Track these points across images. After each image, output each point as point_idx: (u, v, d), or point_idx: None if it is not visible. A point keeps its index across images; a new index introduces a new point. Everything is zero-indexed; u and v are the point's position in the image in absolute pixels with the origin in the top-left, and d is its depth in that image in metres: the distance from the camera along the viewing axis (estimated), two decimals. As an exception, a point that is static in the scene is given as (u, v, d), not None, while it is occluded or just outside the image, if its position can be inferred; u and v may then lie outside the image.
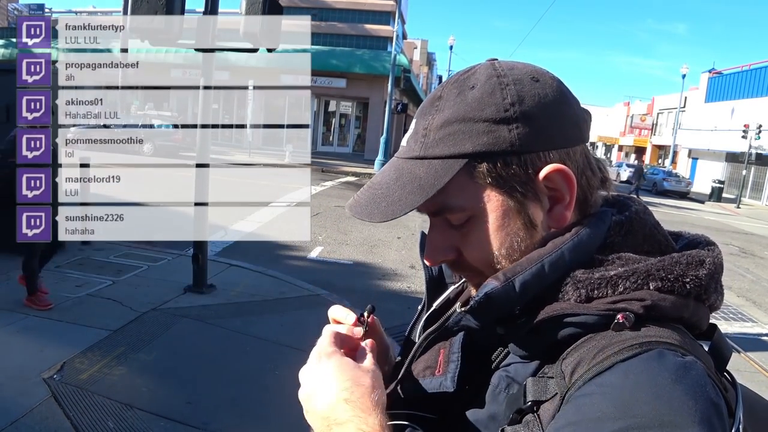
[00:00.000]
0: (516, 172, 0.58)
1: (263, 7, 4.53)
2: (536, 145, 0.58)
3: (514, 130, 0.58)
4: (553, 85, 0.61)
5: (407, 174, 0.61)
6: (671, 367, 0.50)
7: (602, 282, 0.56)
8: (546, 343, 0.58)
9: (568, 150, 0.60)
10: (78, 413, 3.08)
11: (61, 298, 4.75)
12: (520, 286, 0.57)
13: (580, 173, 0.62)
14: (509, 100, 0.58)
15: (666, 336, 0.54)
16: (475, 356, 0.64)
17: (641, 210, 0.65)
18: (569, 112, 0.61)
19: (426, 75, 45.10)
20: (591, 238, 0.60)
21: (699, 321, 0.59)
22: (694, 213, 19.78)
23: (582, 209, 0.64)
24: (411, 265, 7.20)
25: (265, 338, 4.39)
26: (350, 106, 26.76)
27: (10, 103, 5.66)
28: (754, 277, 8.95)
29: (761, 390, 2.95)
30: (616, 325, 0.54)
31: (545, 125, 0.59)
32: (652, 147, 44.42)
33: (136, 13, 4.40)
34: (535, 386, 0.56)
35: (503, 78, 0.60)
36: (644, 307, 0.55)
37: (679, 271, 0.57)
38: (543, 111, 0.59)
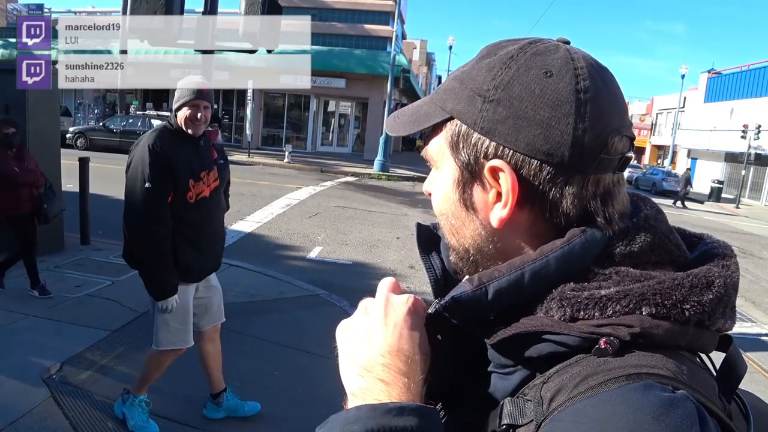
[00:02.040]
0: (470, 148, 0.57)
1: (262, 7, 4.53)
2: (497, 135, 0.55)
3: (484, 110, 0.55)
4: (561, 91, 0.53)
5: (418, 107, 0.64)
6: (655, 403, 0.45)
7: (590, 302, 0.52)
8: (523, 356, 0.54)
9: (534, 160, 0.54)
10: (77, 413, 3.08)
11: (60, 298, 4.74)
12: (493, 293, 0.55)
13: (543, 193, 0.55)
14: (497, 81, 0.55)
15: (657, 366, 0.49)
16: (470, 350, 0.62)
17: (651, 215, 0.58)
18: (558, 126, 0.53)
19: (425, 75, 45.12)
20: (585, 248, 0.54)
21: (702, 347, 0.55)
22: (694, 213, 19.80)
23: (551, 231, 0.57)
24: (410, 265, 7.20)
25: (264, 338, 4.38)
26: (349, 106, 26.76)
27: (9, 103, 5.66)
28: (753, 277, 8.96)
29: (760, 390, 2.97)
30: (597, 350, 0.50)
31: (516, 121, 0.54)
32: (651, 147, 44.50)
33: (135, 13, 4.40)
34: (513, 408, 0.53)
35: (514, 60, 0.56)
36: (632, 334, 0.50)
37: (679, 296, 0.51)
38: (522, 107, 0.54)
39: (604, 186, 0.56)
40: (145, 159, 2.53)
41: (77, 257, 5.91)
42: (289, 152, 20.37)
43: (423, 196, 7.82)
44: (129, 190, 2.59)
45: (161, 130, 2.68)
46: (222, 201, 3.02)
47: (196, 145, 2.75)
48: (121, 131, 19.38)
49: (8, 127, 4.70)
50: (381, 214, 11.17)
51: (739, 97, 29.20)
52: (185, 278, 2.75)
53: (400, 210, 12.05)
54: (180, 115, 2.66)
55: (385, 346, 0.55)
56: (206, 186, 2.77)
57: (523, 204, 0.56)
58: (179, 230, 2.64)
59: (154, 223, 2.53)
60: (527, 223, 0.57)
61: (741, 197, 25.66)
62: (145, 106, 24.74)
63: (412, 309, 0.58)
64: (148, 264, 2.60)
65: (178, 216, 2.62)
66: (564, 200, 0.55)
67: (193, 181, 2.68)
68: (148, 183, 2.51)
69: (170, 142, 2.62)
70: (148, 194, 2.51)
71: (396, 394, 0.52)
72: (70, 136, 19.43)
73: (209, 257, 2.84)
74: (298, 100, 26.64)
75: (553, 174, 0.54)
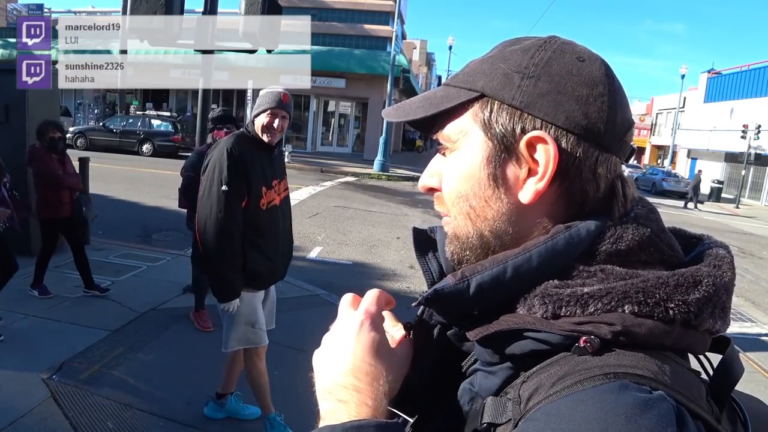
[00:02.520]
0: (505, 124, 0.57)
1: (262, 7, 4.53)
2: (536, 109, 0.55)
3: (523, 85, 0.56)
4: (595, 74, 0.56)
5: (431, 93, 0.64)
6: (629, 403, 0.44)
7: (571, 300, 0.52)
8: (507, 354, 0.54)
9: (571, 134, 0.55)
10: (77, 413, 3.08)
11: (60, 298, 4.75)
12: (475, 287, 0.55)
13: (577, 168, 0.56)
14: (535, 60, 0.57)
15: (636, 366, 0.48)
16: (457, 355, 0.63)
17: (643, 214, 0.58)
18: (595, 103, 0.55)
19: (425, 75, 45.14)
20: (570, 245, 0.54)
21: (689, 347, 0.54)
22: (694, 213, 19.80)
23: (569, 212, 0.58)
24: (410, 265, 7.20)
25: (264, 338, 4.38)
26: (349, 106, 26.76)
27: (9, 103, 5.66)
28: (753, 277, 8.96)
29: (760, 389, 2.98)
30: (577, 349, 0.50)
31: (556, 96, 0.55)
32: (651, 147, 44.51)
33: (135, 13, 4.40)
34: (494, 407, 0.53)
35: (547, 44, 0.58)
36: (613, 332, 0.49)
37: (663, 294, 0.50)
38: (563, 83, 0.55)
39: (620, 170, 0.59)
40: (223, 162, 2.54)
41: (77, 257, 5.91)
42: (289, 152, 20.36)
43: (423, 196, 7.89)
44: (204, 192, 2.59)
45: (239, 136, 2.69)
46: (290, 210, 3.05)
47: (270, 154, 2.77)
48: (121, 131, 19.39)
49: (55, 131, 4.76)
50: (381, 214, 11.17)
51: (739, 97, 29.21)
52: (253, 285, 2.75)
53: (400, 210, 12.05)
54: (258, 122, 2.67)
55: (341, 367, 0.57)
56: (277, 195, 2.80)
57: (555, 179, 0.56)
58: (249, 237, 2.64)
59: (227, 225, 2.53)
60: (551, 200, 0.57)
61: (741, 197, 25.67)
62: (144, 106, 24.73)
63: (365, 322, 0.59)
64: (217, 265, 2.60)
65: (250, 222, 2.63)
66: (597, 176, 0.56)
67: (266, 188, 2.70)
68: (225, 186, 2.51)
69: (247, 148, 2.63)
70: (224, 197, 2.51)
71: (355, 413, 0.54)
72: (70, 136, 19.42)
73: (276, 266, 2.84)
74: (298, 100, 26.62)
75: (588, 149, 0.56)
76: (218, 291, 2.69)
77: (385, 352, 0.59)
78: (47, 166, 4.68)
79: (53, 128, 4.78)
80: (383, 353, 0.59)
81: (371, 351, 0.58)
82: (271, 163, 2.79)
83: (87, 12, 29.58)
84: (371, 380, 0.57)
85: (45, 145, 4.70)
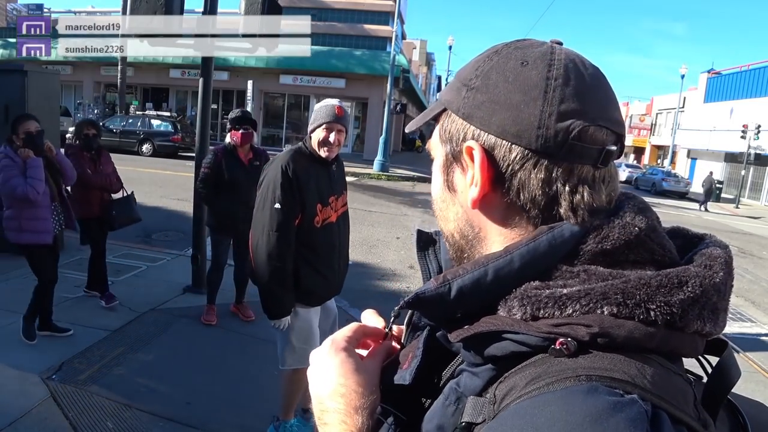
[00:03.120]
0: (453, 134, 0.61)
1: (262, 7, 4.53)
2: (474, 119, 0.58)
3: (467, 97, 0.59)
4: (533, 78, 0.56)
5: (431, 105, 0.69)
6: (596, 407, 0.43)
7: (549, 301, 0.51)
8: (489, 355, 0.54)
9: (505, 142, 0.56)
10: (77, 413, 3.08)
11: (60, 298, 4.74)
12: (456, 291, 0.55)
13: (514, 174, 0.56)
14: (478, 71, 0.59)
15: (612, 368, 0.47)
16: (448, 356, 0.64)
17: (632, 213, 0.56)
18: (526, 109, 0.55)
19: (425, 75, 45.15)
20: (552, 246, 0.54)
21: (675, 350, 0.52)
22: (693, 213, 19.81)
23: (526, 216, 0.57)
24: (410, 265, 7.20)
25: (264, 338, 4.38)
26: (349, 106, 26.73)
27: (9, 103, 5.66)
28: (752, 277, 8.97)
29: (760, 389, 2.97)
30: (553, 350, 0.49)
31: (491, 105, 0.57)
32: (651, 147, 44.50)
33: (135, 13, 4.40)
34: (473, 407, 0.53)
35: (497, 54, 0.60)
36: (590, 334, 0.49)
37: (644, 295, 0.49)
38: (497, 91, 0.57)
39: (579, 177, 0.56)
40: (277, 180, 2.52)
41: (77, 257, 5.91)
42: (288, 152, 20.35)
43: (423, 196, 7.87)
44: (258, 208, 2.58)
45: (295, 152, 2.65)
46: (348, 225, 2.97)
47: (328, 169, 2.73)
48: (120, 131, 19.37)
49: (90, 128, 4.69)
50: (381, 214, 11.16)
51: (738, 97, 29.21)
52: (306, 301, 2.73)
53: (399, 210, 12.05)
54: (314, 137, 2.64)
55: (319, 395, 0.66)
56: (333, 211, 2.75)
57: (495, 186, 0.57)
58: (303, 254, 2.62)
59: (278, 244, 2.51)
60: (501, 208, 0.58)
61: (741, 197, 25.66)
62: (144, 106, 24.73)
63: (339, 348, 0.67)
64: (266, 282, 2.58)
65: (304, 240, 2.61)
66: (531, 183, 0.55)
67: (321, 206, 2.66)
68: (278, 204, 2.50)
69: (302, 165, 2.60)
70: (276, 215, 2.51)
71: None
72: (70, 136, 19.43)
73: (331, 282, 2.80)
74: (297, 100, 26.65)
75: (522, 156, 0.55)
76: (267, 308, 2.66)
77: (355, 371, 0.65)
78: (77, 163, 4.53)
79: (87, 125, 4.72)
80: (352, 372, 0.64)
81: (341, 374, 0.64)
82: (329, 179, 2.73)
83: (87, 12, 29.53)
84: (347, 401, 0.63)
85: (80, 143, 4.64)
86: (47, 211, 3.87)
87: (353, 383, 0.63)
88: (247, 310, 4.78)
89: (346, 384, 0.63)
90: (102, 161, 4.75)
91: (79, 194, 4.57)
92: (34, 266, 3.95)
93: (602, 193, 0.57)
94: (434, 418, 0.58)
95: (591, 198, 0.56)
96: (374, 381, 0.65)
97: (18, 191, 3.65)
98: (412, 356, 0.64)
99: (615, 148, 0.56)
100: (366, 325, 0.72)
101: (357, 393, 0.63)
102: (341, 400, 0.63)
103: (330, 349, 0.67)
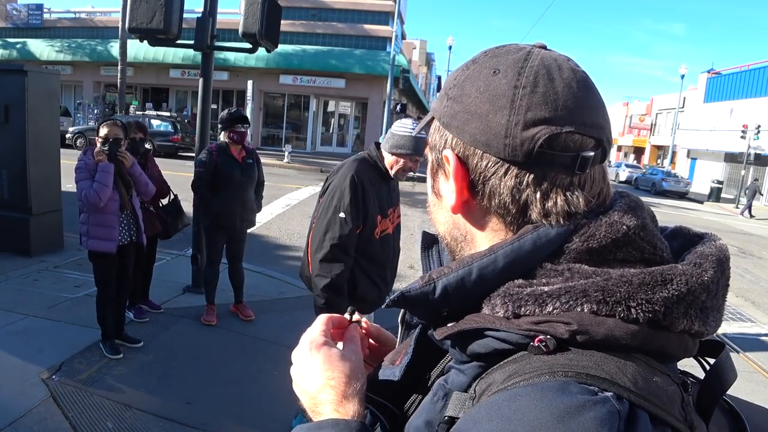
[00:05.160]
0: (436, 142, 0.63)
1: (262, 7, 4.53)
2: (452, 128, 0.60)
3: (446, 106, 0.61)
4: (501, 87, 0.56)
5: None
6: (565, 403, 0.43)
7: (530, 299, 0.52)
8: (474, 352, 0.55)
9: (477, 150, 0.57)
10: (77, 413, 3.08)
11: (59, 298, 4.74)
12: (441, 289, 0.56)
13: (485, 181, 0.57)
14: (456, 81, 0.61)
15: (589, 366, 0.47)
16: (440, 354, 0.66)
17: (621, 211, 0.56)
18: (494, 118, 0.56)
19: (425, 75, 45.12)
20: (536, 245, 0.54)
21: (663, 349, 0.51)
22: (693, 213, 19.80)
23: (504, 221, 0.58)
24: (410, 265, 7.19)
25: (264, 338, 4.39)
26: (349, 107, 26.77)
27: (9, 103, 5.66)
28: (752, 278, 8.97)
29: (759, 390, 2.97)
30: (531, 348, 0.50)
31: (464, 115, 0.58)
32: (650, 147, 44.50)
33: (135, 13, 4.39)
34: (456, 402, 0.54)
35: (474, 63, 0.61)
36: (570, 331, 0.49)
37: (625, 293, 0.49)
38: (469, 101, 0.58)
39: (553, 183, 0.55)
40: (345, 189, 2.51)
41: (77, 257, 5.91)
42: (288, 152, 20.37)
43: (423, 196, 7.79)
44: (321, 214, 2.58)
45: (362, 161, 2.64)
46: (399, 236, 2.99)
47: (389, 182, 2.74)
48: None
49: (137, 132, 4.45)
50: (381, 214, 11.15)
51: (738, 97, 29.21)
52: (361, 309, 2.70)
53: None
54: (389, 158, 2.61)
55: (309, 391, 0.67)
56: (391, 223, 2.78)
57: (473, 193, 0.59)
58: (361, 264, 2.62)
59: (337, 251, 2.51)
60: (480, 214, 0.60)
61: (741, 197, 25.65)
62: (144, 106, 24.73)
63: (319, 344, 0.69)
64: (323, 288, 2.57)
65: (363, 249, 2.61)
66: (501, 190, 0.57)
67: (381, 217, 2.66)
68: (342, 213, 2.50)
69: (368, 176, 2.59)
70: (338, 223, 2.50)
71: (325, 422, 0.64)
72: (70, 136, 19.43)
73: (382, 291, 2.80)
74: (297, 100, 26.66)
75: (493, 164, 0.57)
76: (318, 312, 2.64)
77: (340, 360, 0.67)
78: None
79: (135, 128, 4.45)
80: (338, 362, 0.67)
81: (328, 367, 0.66)
82: (389, 192, 2.75)
83: (87, 12, 29.53)
84: (337, 391, 0.65)
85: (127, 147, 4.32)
86: (114, 219, 3.73)
87: (340, 373, 0.66)
88: (246, 310, 4.78)
89: (334, 375, 0.65)
90: (149, 165, 4.55)
91: None
92: (96, 275, 3.84)
93: (581, 197, 0.56)
94: (423, 413, 0.59)
95: (566, 203, 0.55)
96: (359, 367, 0.68)
97: (83, 194, 3.58)
98: (404, 353, 0.66)
99: (592, 153, 0.55)
100: (331, 315, 0.76)
101: (346, 380, 0.65)
102: (332, 391, 0.65)
103: (311, 346, 0.69)
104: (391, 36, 24.17)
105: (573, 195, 0.56)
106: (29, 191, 5.78)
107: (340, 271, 2.52)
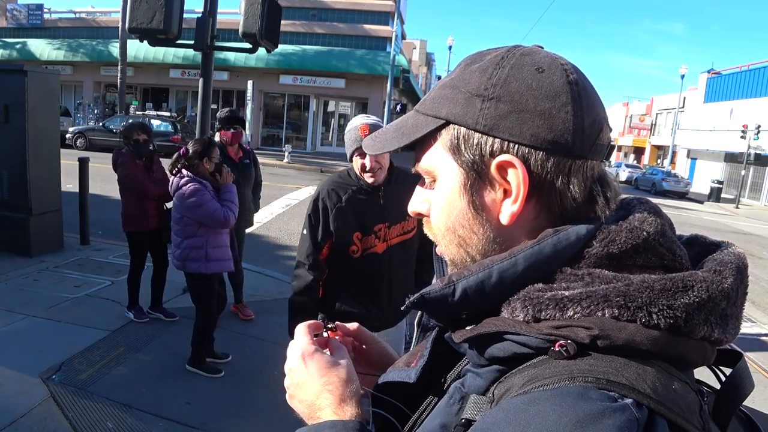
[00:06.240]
0: (473, 149, 0.57)
1: (262, 7, 4.53)
2: (501, 131, 0.55)
3: (485, 108, 0.56)
4: (556, 84, 0.55)
5: (403, 121, 0.65)
6: (585, 410, 0.43)
7: (551, 303, 0.51)
8: (493, 356, 0.55)
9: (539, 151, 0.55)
10: (77, 413, 3.08)
11: (59, 298, 4.74)
12: (461, 292, 0.56)
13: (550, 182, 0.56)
14: (494, 80, 0.56)
15: (610, 372, 0.47)
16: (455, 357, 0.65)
17: (640, 217, 0.56)
18: (558, 115, 0.54)
19: (425, 75, 45.12)
20: (556, 249, 0.54)
21: (684, 356, 0.50)
22: (693, 213, 19.79)
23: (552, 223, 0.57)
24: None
25: (264, 338, 4.39)
26: (349, 107, 26.76)
27: (9, 103, 5.66)
28: (753, 278, 8.91)
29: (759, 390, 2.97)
30: (552, 352, 0.50)
31: (519, 115, 0.55)
32: (650, 147, 44.50)
33: (135, 13, 4.39)
34: (474, 405, 0.54)
35: (506, 60, 0.57)
36: (591, 336, 0.48)
37: (646, 298, 0.49)
38: (523, 100, 0.55)
39: (599, 171, 0.58)
40: (309, 207, 2.54)
41: (77, 257, 5.91)
42: (288, 152, 20.38)
43: (423, 196, 7.85)
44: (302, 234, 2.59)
45: (340, 175, 2.56)
46: (408, 254, 2.66)
47: (376, 196, 2.48)
48: (120, 131, 19.37)
49: (141, 134, 4.38)
50: (381, 214, 11.15)
51: (738, 97, 29.21)
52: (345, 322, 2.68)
53: (399, 210, 12.02)
54: (354, 165, 2.47)
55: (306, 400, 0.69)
56: (382, 241, 2.51)
57: (530, 196, 0.56)
58: (340, 279, 2.57)
59: (299, 266, 2.54)
60: (531, 217, 0.57)
61: (741, 197, 25.66)
62: (144, 106, 24.72)
63: (310, 353, 0.70)
64: (289, 299, 2.68)
65: (340, 266, 2.54)
66: (572, 186, 0.56)
67: (360, 234, 2.48)
68: (305, 230, 2.53)
69: (346, 191, 2.47)
70: (302, 240, 2.54)
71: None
72: (70, 136, 19.41)
73: (372, 312, 2.57)
74: (297, 100, 26.65)
75: (560, 162, 0.55)
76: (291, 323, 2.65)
77: (333, 365, 0.69)
78: (130, 172, 4.26)
79: (138, 130, 4.39)
80: (332, 368, 0.68)
81: (323, 373, 0.68)
82: (376, 207, 2.48)
83: (87, 12, 29.52)
84: (335, 395, 0.66)
85: (130, 149, 4.33)
86: (228, 237, 3.71)
87: (336, 377, 0.67)
88: (246, 309, 4.79)
89: (330, 380, 0.67)
90: (154, 168, 4.49)
91: (133, 206, 4.31)
92: (203, 295, 3.67)
93: (614, 182, 0.60)
94: (438, 416, 0.59)
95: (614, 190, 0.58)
96: (351, 370, 0.70)
97: (218, 215, 3.46)
98: (420, 355, 0.66)
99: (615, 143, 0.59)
100: (308, 323, 0.76)
101: (342, 384, 0.67)
102: (330, 395, 0.66)
103: (304, 356, 0.70)
104: (391, 36, 24.16)
105: (612, 181, 0.59)
106: (29, 191, 5.78)
107: (299, 285, 2.55)
